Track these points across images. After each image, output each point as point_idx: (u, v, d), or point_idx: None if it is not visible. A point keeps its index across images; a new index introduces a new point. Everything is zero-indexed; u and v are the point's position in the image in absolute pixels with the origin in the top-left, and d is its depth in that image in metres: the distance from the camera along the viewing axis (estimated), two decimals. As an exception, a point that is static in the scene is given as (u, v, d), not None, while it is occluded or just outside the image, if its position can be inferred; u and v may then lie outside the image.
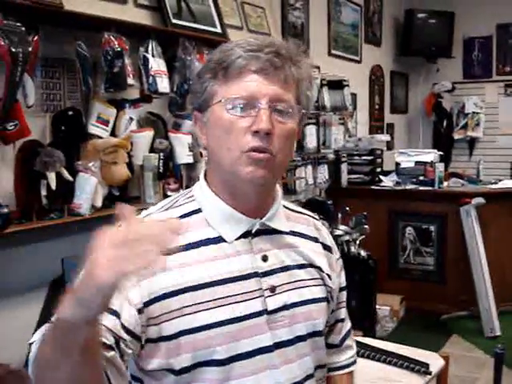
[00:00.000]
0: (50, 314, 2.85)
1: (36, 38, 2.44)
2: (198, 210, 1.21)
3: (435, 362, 2.38)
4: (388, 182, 5.34)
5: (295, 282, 1.24)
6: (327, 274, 1.31)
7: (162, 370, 1.14)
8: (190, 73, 3.16)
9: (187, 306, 1.12)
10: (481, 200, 4.73)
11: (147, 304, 1.10)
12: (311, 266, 1.29)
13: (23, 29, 2.36)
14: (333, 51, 5.53)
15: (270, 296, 1.19)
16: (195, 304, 1.12)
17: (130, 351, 1.09)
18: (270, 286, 1.19)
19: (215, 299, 1.13)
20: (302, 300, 1.24)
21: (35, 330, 2.72)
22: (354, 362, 1.48)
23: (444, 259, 5.06)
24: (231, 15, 3.85)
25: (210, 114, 1.18)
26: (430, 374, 2.29)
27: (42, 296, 2.64)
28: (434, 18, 6.83)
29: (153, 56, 2.98)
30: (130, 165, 2.90)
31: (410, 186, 5.22)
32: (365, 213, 4.34)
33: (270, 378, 1.17)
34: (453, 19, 6.88)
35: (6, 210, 2.32)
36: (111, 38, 2.73)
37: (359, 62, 6.10)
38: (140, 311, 1.10)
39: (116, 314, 1.07)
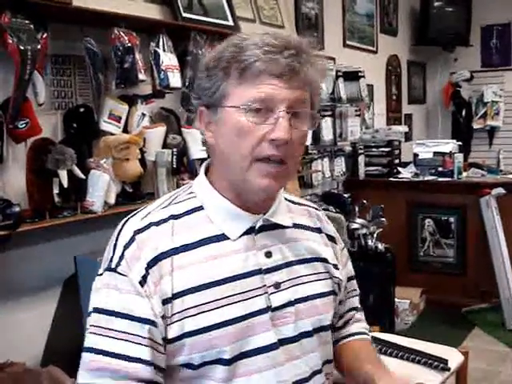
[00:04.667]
0: (64, 313, 2.84)
1: (45, 35, 2.42)
2: (200, 208, 1.20)
3: (454, 357, 2.33)
4: (406, 173, 5.29)
5: (299, 277, 1.23)
6: (333, 265, 1.31)
7: (170, 365, 1.13)
8: (201, 67, 3.13)
9: (190, 308, 1.10)
10: (501, 190, 4.66)
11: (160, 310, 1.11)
12: (316, 259, 1.28)
13: (32, 26, 2.34)
14: (348, 42, 5.46)
15: (274, 293, 1.18)
16: (199, 305, 1.11)
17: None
18: (273, 282, 1.18)
19: (219, 299, 1.12)
20: (307, 295, 1.23)
21: (50, 329, 2.73)
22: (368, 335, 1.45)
23: (464, 251, 4.99)
24: (243, 7, 3.81)
25: (224, 115, 1.14)
26: (448, 370, 2.25)
27: (56, 295, 2.64)
28: (451, 6, 6.71)
29: (164, 51, 2.94)
30: (142, 161, 2.88)
31: (428, 178, 5.15)
32: (381, 205, 4.29)
33: (276, 375, 1.16)
34: (470, 7, 6.77)
35: (17, 209, 2.31)
36: (121, 33, 2.70)
37: (375, 52, 6.02)
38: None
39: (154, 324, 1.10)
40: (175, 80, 2.98)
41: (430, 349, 2.39)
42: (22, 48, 2.27)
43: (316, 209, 1.40)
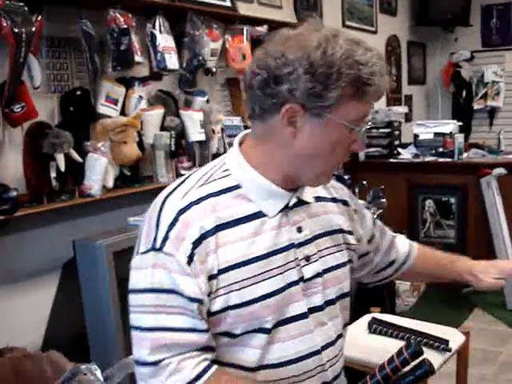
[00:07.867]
0: (64, 297, 2.84)
1: (40, 17, 2.39)
2: (237, 186, 1.23)
3: (455, 338, 2.33)
4: (406, 154, 5.26)
5: (324, 249, 1.33)
6: (348, 231, 1.41)
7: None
8: (198, 48, 3.11)
9: (234, 283, 1.18)
10: (502, 170, 4.63)
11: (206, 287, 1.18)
12: (336, 231, 1.38)
13: (26, 9, 2.31)
14: (347, 22, 5.40)
15: (305, 265, 1.27)
16: (242, 280, 1.18)
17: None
18: (304, 255, 1.27)
19: (260, 273, 1.20)
20: (330, 266, 1.33)
21: (50, 314, 2.73)
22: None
23: (465, 231, 4.98)
24: (241, -12, 3.76)
25: (326, 123, 1.15)
26: (449, 350, 2.24)
27: (55, 279, 2.62)
28: (451, -15, 6.65)
29: (160, 32, 2.92)
30: (140, 144, 2.87)
31: (428, 158, 5.12)
32: (382, 186, 4.27)
33: (307, 341, 1.26)
34: (470, -14, 6.70)
35: (15, 194, 2.30)
36: (117, 14, 2.68)
37: (375, 32, 5.96)
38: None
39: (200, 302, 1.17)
40: (172, 62, 2.96)
41: (431, 330, 2.39)
42: (16, 31, 2.24)
43: None
